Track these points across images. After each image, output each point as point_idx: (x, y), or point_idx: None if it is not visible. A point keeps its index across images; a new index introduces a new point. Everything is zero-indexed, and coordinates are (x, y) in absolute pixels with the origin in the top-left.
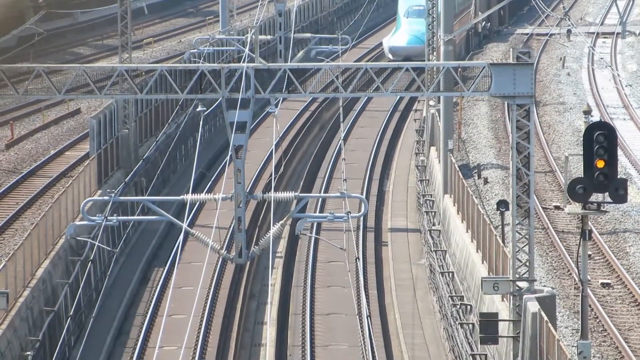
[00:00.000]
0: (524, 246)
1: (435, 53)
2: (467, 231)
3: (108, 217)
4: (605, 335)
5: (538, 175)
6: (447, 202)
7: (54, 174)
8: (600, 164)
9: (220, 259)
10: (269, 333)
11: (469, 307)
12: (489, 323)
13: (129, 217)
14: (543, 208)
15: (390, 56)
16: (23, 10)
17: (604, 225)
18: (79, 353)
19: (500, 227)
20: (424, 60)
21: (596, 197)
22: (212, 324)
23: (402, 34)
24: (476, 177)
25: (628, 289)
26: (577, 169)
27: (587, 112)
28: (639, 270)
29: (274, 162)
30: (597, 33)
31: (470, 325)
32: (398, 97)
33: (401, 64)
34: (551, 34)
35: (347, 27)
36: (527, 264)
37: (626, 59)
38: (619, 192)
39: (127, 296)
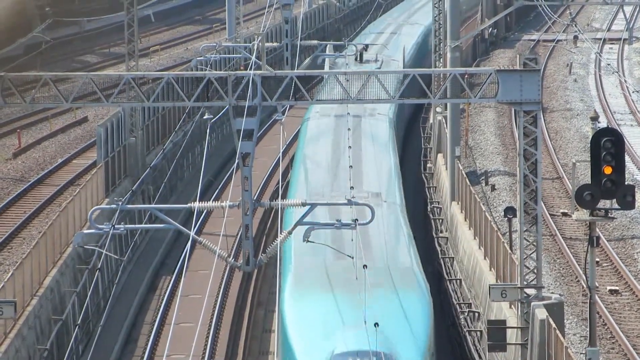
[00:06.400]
0: (532, 253)
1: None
2: (474, 238)
3: (115, 226)
4: (613, 342)
5: (545, 182)
6: (454, 209)
7: (62, 182)
8: (607, 170)
9: (228, 267)
10: (277, 341)
11: (476, 314)
12: (497, 330)
13: (137, 226)
14: (550, 215)
15: None
16: (30, 19)
17: (611, 232)
18: None
19: (507, 234)
20: None
21: (604, 203)
22: (219, 331)
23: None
24: (483, 184)
25: (636, 296)
26: (584, 176)
27: (594, 119)
28: None
29: (281, 169)
30: (604, 39)
31: (478, 333)
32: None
33: (408, 70)
34: (558, 40)
35: (354, 34)
36: (535, 270)
37: (633, 65)
38: (626, 198)
39: (135, 304)
